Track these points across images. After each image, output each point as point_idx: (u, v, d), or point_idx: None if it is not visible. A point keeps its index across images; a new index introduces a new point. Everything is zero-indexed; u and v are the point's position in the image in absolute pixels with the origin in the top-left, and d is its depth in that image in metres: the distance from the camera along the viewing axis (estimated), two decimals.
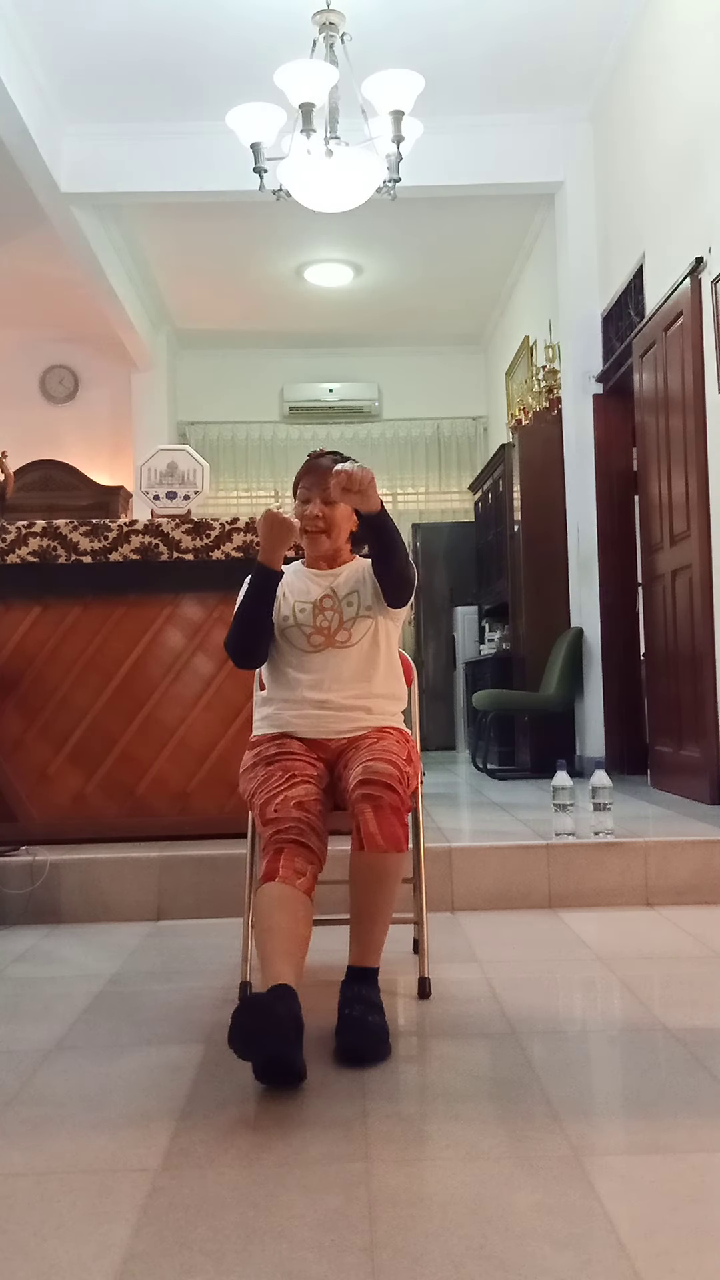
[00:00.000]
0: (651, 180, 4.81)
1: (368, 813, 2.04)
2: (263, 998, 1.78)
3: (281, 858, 2.05)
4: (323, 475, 2.30)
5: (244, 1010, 1.75)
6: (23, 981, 2.53)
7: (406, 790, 2.11)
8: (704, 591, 4.16)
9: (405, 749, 2.21)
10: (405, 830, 2.08)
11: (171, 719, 3.53)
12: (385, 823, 2.03)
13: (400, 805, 2.07)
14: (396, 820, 2.05)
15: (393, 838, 2.03)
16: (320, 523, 2.33)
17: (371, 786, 2.06)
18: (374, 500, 2.14)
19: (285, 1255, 1.27)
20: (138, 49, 5.03)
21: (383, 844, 2.02)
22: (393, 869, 2.04)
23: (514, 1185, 1.43)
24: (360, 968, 2.06)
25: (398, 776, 2.09)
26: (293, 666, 2.30)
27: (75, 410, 8.48)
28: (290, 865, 2.04)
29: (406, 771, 2.13)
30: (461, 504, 8.68)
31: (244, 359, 8.82)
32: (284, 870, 2.03)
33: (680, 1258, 1.24)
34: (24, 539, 3.51)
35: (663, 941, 2.74)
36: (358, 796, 2.06)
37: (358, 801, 2.06)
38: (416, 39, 4.93)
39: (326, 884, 2.37)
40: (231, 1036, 1.73)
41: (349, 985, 2.03)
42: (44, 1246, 1.31)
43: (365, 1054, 1.91)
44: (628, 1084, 1.83)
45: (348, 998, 2.00)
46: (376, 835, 2.02)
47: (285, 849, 2.06)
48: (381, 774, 2.07)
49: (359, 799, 2.06)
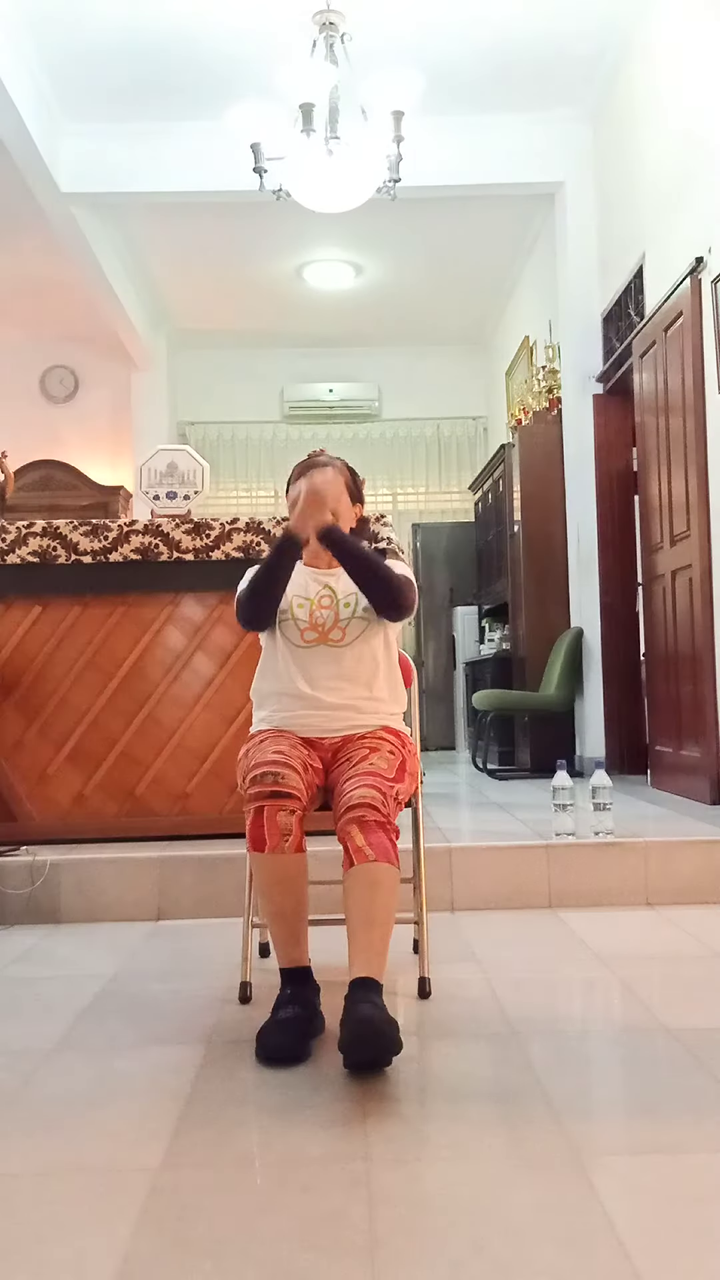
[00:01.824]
0: (651, 180, 4.81)
1: (354, 830, 2.03)
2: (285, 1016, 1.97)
3: (264, 818, 2.05)
4: (321, 466, 2.36)
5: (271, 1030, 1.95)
6: (23, 981, 2.53)
7: (393, 808, 2.09)
8: (704, 591, 4.16)
9: (397, 760, 2.19)
10: (394, 845, 2.05)
11: (171, 719, 3.53)
12: (372, 835, 2.02)
13: (385, 821, 2.05)
14: (384, 834, 2.03)
15: (381, 849, 2.01)
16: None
17: (356, 811, 2.05)
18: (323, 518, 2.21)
19: (285, 1255, 1.27)
20: (138, 49, 5.03)
21: (372, 855, 2.00)
22: (384, 879, 2.00)
23: (514, 1185, 1.43)
24: (364, 979, 1.92)
25: (381, 799, 2.06)
26: (286, 660, 2.30)
27: (75, 410, 8.48)
28: (274, 826, 2.04)
29: (393, 790, 2.11)
30: (461, 504, 8.68)
31: (244, 359, 8.81)
32: (269, 836, 2.04)
33: (680, 1258, 1.24)
34: (24, 539, 3.51)
35: (663, 941, 2.74)
36: (344, 823, 2.06)
37: (344, 826, 2.05)
38: (416, 39, 4.93)
39: (324, 884, 2.37)
40: (259, 1055, 1.92)
41: (353, 994, 1.91)
42: (44, 1246, 1.31)
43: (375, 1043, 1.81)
44: (628, 1084, 1.83)
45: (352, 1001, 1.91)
46: (365, 849, 2.00)
47: (265, 807, 2.05)
48: (365, 799, 2.05)
49: (345, 824, 2.05)
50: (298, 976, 2.07)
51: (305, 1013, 2.00)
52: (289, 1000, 2.02)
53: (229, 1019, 2.18)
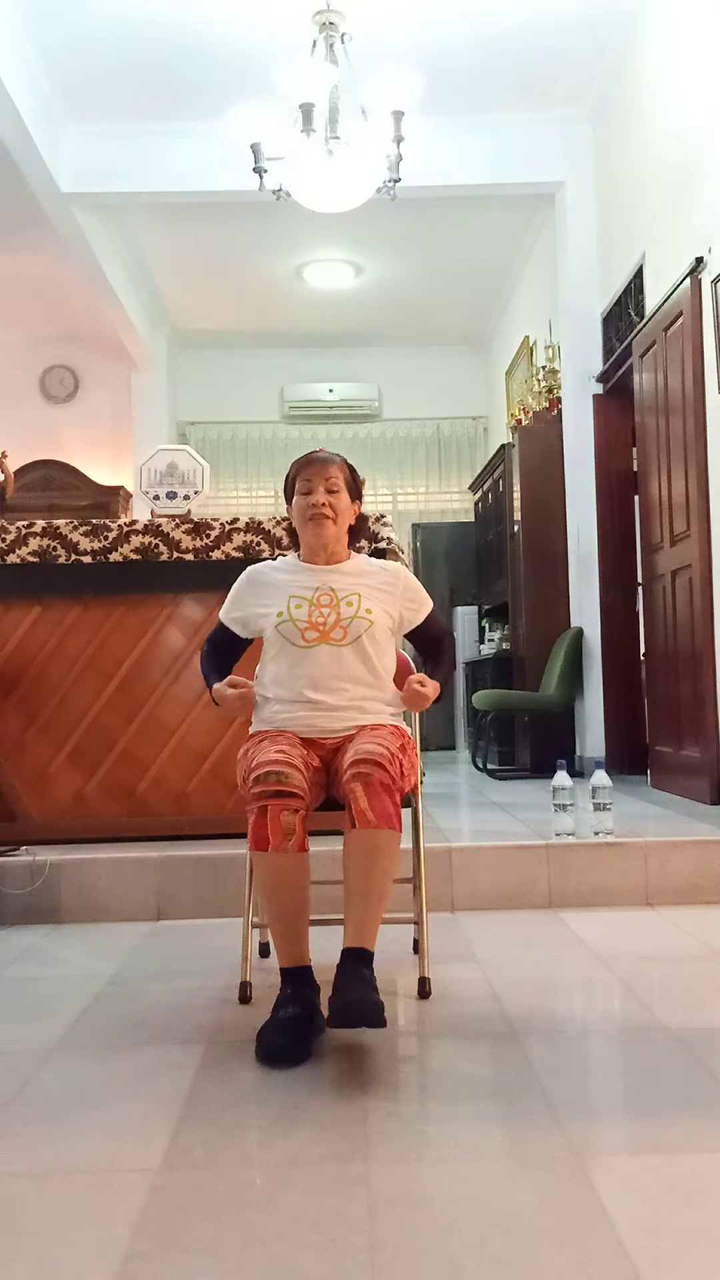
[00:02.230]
0: (651, 180, 4.81)
1: (358, 790, 2.04)
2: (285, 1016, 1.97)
3: (267, 817, 2.05)
4: (323, 466, 2.36)
5: (271, 1030, 1.95)
6: (23, 981, 2.53)
7: (398, 771, 2.10)
8: (704, 591, 4.16)
9: (400, 740, 2.21)
10: (397, 809, 2.07)
11: (171, 719, 3.53)
12: (376, 799, 2.03)
13: (391, 783, 2.06)
14: (388, 798, 2.04)
15: (384, 814, 2.02)
16: (327, 510, 2.33)
17: (362, 765, 2.06)
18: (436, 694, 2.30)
19: (285, 1255, 1.27)
20: (138, 49, 5.03)
21: (374, 820, 2.01)
22: (385, 845, 2.02)
23: (514, 1185, 1.43)
24: (354, 949, 1.98)
25: (388, 757, 2.08)
26: (287, 663, 2.30)
27: (75, 410, 8.47)
28: (277, 826, 2.04)
29: (399, 756, 2.13)
30: (461, 504, 8.68)
31: (244, 359, 8.82)
32: (273, 835, 2.04)
33: (680, 1258, 1.24)
34: (24, 539, 3.51)
35: (663, 941, 2.74)
36: (349, 776, 2.07)
37: (349, 781, 2.06)
38: (416, 39, 4.93)
39: (324, 884, 2.37)
40: (259, 1055, 1.92)
41: (343, 964, 1.97)
42: (44, 1246, 1.31)
43: (359, 1012, 1.86)
44: (628, 1084, 1.83)
45: (343, 971, 1.95)
46: (367, 812, 2.02)
47: (269, 806, 2.05)
48: (372, 754, 2.07)
49: (350, 778, 2.06)
50: (298, 976, 2.07)
51: (305, 1013, 2.00)
52: (289, 1000, 2.02)
53: (229, 1019, 2.18)
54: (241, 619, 2.41)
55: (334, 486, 2.34)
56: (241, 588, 2.43)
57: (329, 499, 2.34)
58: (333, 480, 2.35)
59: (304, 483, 2.36)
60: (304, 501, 2.35)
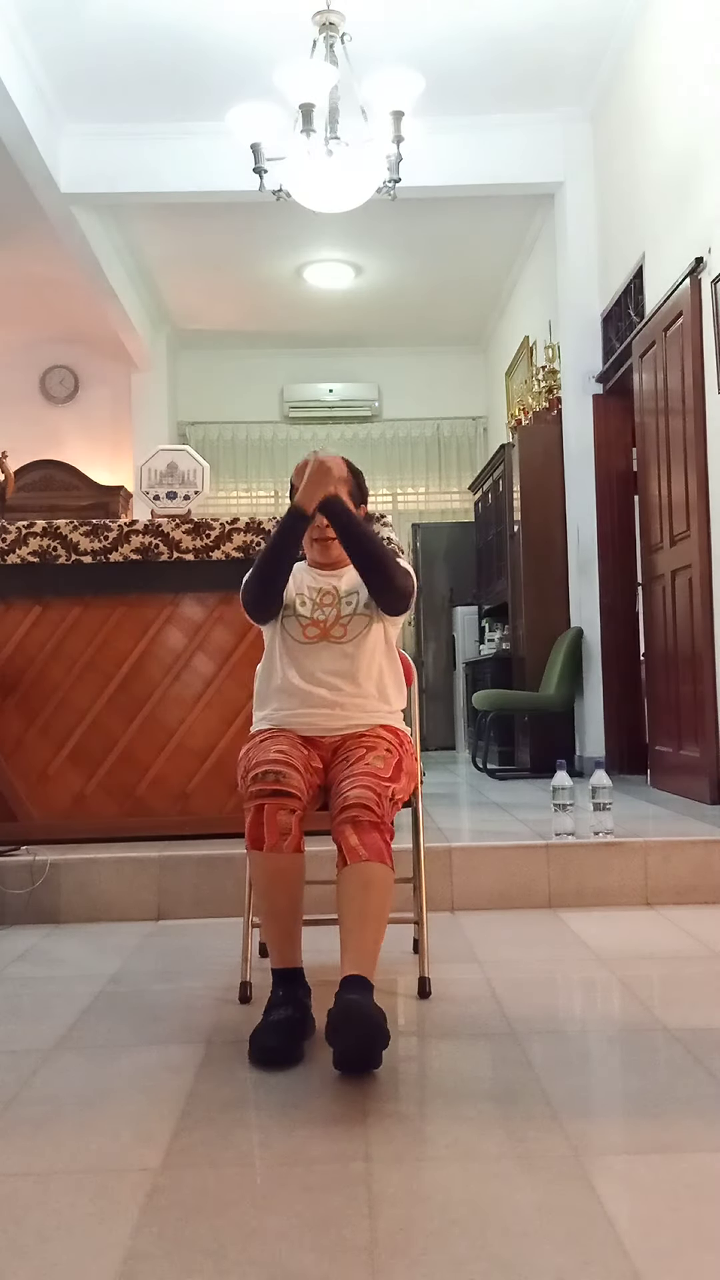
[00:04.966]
0: (651, 180, 4.81)
1: (347, 830, 2.04)
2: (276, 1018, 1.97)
3: (264, 816, 2.05)
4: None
5: (263, 1032, 1.94)
6: (23, 981, 2.53)
7: (388, 808, 2.10)
8: (704, 591, 4.16)
9: (394, 759, 2.19)
10: (388, 845, 2.05)
11: (171, 719, 3.53)
12: (366, 835, 2.03)
13: (379, 822, 2.05)
14: (378, 835, 2.04)
15: (375, 849, 2.02)
16: (330, 530, 2.32)
17: (350, 811, 2.05)
18: (328, 490, 2.19)
19: (285, 1255, 1.27)
20: (138, 49, 5.03)
21: (365, 854, 2.00)
22: (378, 879, 2.00)
23: (514, 1185, 1.43)
24: (354, 976, 1.90)
25: (376, 799, 2.07)
26: (288, 657, 2.31)
27: (75, 410, 8.48)
28: (274, 825, 2.04)
29: (389, 790, 2.11)
30: (461, 504, 8.68)
31: (244, 359, 8.82)
32: (269, 834, 2.04)
33: (680, 1258, 1.24)
34: (24, 539, 3.51)
35: (663, 941, 2.74)
36: (339, 821, 2.06)
37: (339, 827, 2.06)
38: (416, 39, 4.93)
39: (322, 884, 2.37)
40: (252, 1057, 1.91)
41: (344, 990, 1.89)
42: (44, 1246, 1.31)
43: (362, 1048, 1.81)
44: (628, 1084, 1.83)
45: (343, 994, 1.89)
46: (359, 848, 2.01)
47: (265, 805, 2.05)
48: (359, 800, 2.06)
49: (339, 824, 2.06)
50: (289, 977, 2.07)
51: (297, 1014, 2.01)
52: (281, 1001, 2.02)
53: (229, 1019, 2.18)
54: None
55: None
56: None
57: None
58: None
59: None
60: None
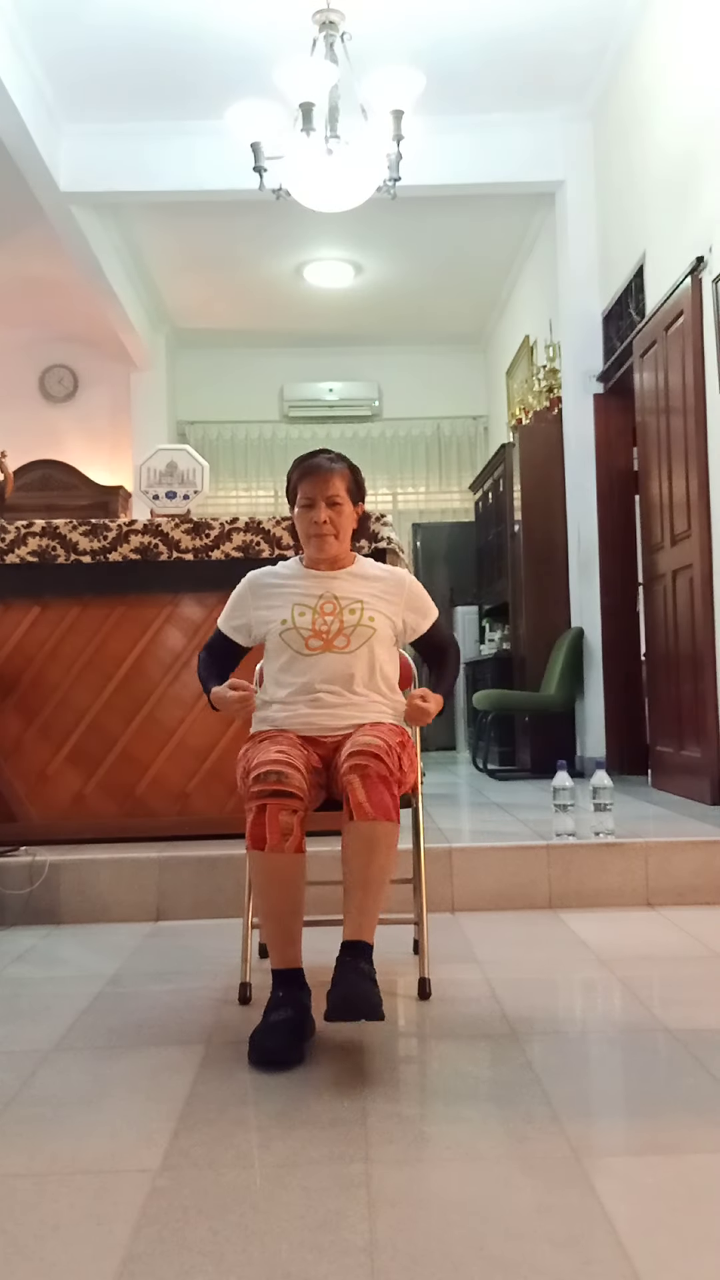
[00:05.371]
0: (651, 180, 4.81)
1: (355, 782, 2.05)
2: (277, 1019, 1.96)
3: (265, 816, 2.05)
4: (324, 479, 2.31)
5: (263, 1033, 1.94)
6: (23, 981, 2.53)
7: (396, 764, 2.11)
8: (704, 591, 4.15)
9: (399, 737, 2.21)
10: (395, 801, 2.08)
11: (171, 719, 3.53)
12: (374, 791, 2.04)
13: (388, 775, 2.07)
14: (385, 790, 2.05)
15: (381, 806, 2.03)
16: (328, 527, 2.32)
17: (359, 758, 2.07)
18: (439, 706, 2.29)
19: (285, 1255, 1.27)
20: (137, 49, 5.03)
21: (371, 812, 2.02)
22: (382, 837, 2.03)
23: (514, 1185, 1.43)
24: (353, 941, 1.99)
25: (385, 749, 2.09)
26: (290, 669, 2.30)
27: (75, 410, 8.47)
28: (275, 825, 2.04)
29: (396, 749, 2.14)
30: (461, 504, 8.68)
31: (243, 359, 8.81)
32: (270, 835, 2.04)
33: (680, 1258, 1.24)
34: (23, 539, 3.51)
35: (663, 942, 2.73)
36: (346, 769, 2.08)
37: (346, 774, 2.07)
38: (416, 38, 4.93)
39: (322, 885, 2.37)
40: (252, 1058, 1.91)
41: (342, 957, 1.98)
42: (44, 1247, 1.31)
43: (357, 1004, 1.87)
44: (628, 1084, 1.83)
45: (342, 964, 1.96)
46: (365, 804, 2.03)
47: (267, 805, 2.05)
48: (369, 746, 2.09)
49: (347, 770, 2.07)
50: (290, 978, 2.07)
51: (297, 1015, 2.00)
52: (281, 1003, 2.01)
53: (229, 1019, 2.18)
54: (244, 625, 2.40)
55: (336, 500, 2.31)
56: (243, 593, 2.42)
57: (330, 514, 2.31)
58: (334, 494, 2.31)
59: (305, 497, 2.32)
60: (306, 517, 2.32)
